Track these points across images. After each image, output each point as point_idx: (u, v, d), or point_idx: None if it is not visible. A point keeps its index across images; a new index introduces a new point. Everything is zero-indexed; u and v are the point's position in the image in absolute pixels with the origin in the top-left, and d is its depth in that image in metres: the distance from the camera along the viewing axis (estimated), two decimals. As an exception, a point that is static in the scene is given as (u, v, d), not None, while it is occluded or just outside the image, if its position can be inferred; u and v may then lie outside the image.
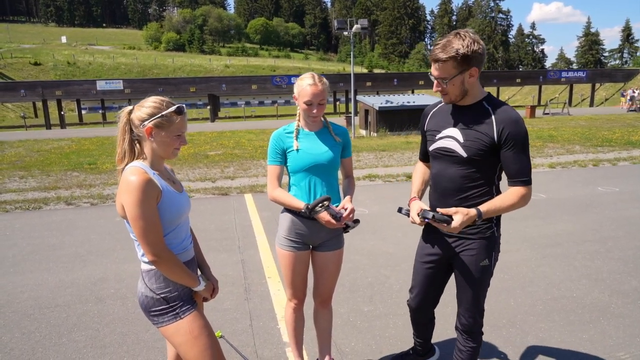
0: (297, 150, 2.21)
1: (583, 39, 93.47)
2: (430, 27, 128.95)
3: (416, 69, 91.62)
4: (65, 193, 8.32)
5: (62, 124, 32.89)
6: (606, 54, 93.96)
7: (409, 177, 8.68)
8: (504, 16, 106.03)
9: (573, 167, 9.55)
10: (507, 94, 58.56)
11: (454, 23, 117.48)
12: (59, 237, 5.54)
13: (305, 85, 2.16)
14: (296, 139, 2.23)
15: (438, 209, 1.92)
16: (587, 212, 5.99)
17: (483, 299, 2.16)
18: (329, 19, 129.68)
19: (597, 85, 44.47)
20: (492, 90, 53.94)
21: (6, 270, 4.49)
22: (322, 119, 2.32)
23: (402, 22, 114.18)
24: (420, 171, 2.32)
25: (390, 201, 6.64)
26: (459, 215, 1.84)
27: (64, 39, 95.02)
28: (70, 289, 3.96)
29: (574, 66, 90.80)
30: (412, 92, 34.86)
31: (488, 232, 2.04)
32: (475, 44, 1.83)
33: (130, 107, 1.77)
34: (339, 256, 2.42)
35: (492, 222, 2.04)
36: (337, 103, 41.03)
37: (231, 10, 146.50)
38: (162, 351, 2.92)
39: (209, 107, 35.58)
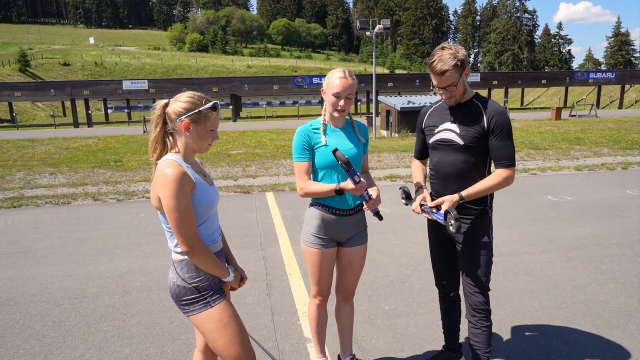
0: (326, 145, 2.23)
1: (612, 39, 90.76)
2: (453, 28, 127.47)
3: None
4: (93, 189, 8.55)
5: (89, 123, 33.76)
6: (637, 55, 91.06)
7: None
8: (529, 16, 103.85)
9: (600, 169, 9.31)
10: (532, 95, 57.38)
11: (478, 23, 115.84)
12: (87, 232, 5.71)
13: (334, 78, 2.19)
14: (324, 134, 2.25)
15: (429, 204, 2.28)
16: (615, 215, 5.84)
17: (488, 277, 2.31)
18: (350, 20, 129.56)
19: (627, 86, 43.19)
20: (517, 91, 53.03)
21: (38, 262, 4.65)
22: (347, 116, 2.34)
23: (424, 23, 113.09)
24: (418, 166, 2.55)
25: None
26: (446, 202, 2.17)
27: (91, 40, 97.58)
28: (98, 281, 4.08)
29: (603, 67, 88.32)
30: (435, 93, 34.51)
31: (483, 213, 2.31)
32: (462, 49, 2.15)
33: (165, 101, 1.82)
34: (364, 251, 2.44)
35: (487, 206, 2.32)
36: (358, 104, 40.96)
37: (254, 11, 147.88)
38: (186, 342, 2.99)
39: (231, 107, 35.98)
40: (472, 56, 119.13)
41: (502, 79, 41.46)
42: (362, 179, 2.12)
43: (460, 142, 2.23)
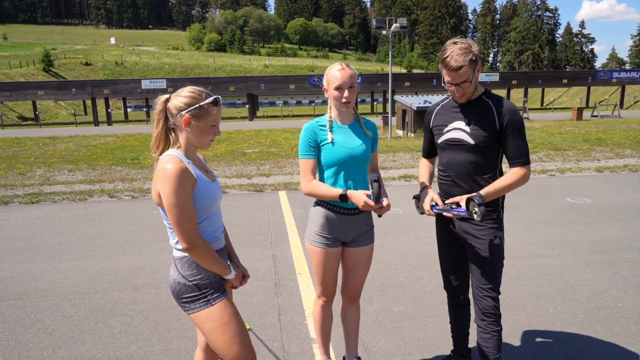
0: (332, 143, 2.19)
1: (638, 37, 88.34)
2: (472, 27, 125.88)
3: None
4: (109, 186, 8.66)
5: (109, 121, 34.35)
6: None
7: (446, 178, 8.47)
8: (550, 14, 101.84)
9: (623, 171, 9.04)
10: (552, 95, 56.25)
11: (498, 22, 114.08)
12: (101, 228, 5.77)
13: (334, 72, 2.15)
14: (330, 132, 2.21)
15: (446, 201, 2.21)
16: (637, 218, 5.64)
17: (499, 281, 2.23)
18: (368, 19, 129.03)
19: (653, 86, 41.94)
20: (537, 91, 52.02)
21: (52, 257, 4.72)
22: (353, 112, 2.29)
23: (443, 22, 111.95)
24: (425, 165, 2.50)
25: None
26: (464, 200, 2.05)
27: (112, 40, 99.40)
28: (108, 277, 4.11)
29: (627, 66, 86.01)
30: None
31: (494, 214, 2.21)
32: (474, 44, 2.08)
33: (166, 96, 1.80)
34: (370, 251, 2.38)
35: (498, 206, 2.24)
36: (375, 103, 40.72)
37: (271, 11, 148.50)
38: (192, 340, 2.98)
39: (247, 106, 36.18)
40: (491, 55, 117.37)
41: (521, 78, 40.71)
42: (385, 201, 2.11)
43: (471, 141, 2.15)
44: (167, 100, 1.79)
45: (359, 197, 2.06)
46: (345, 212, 2.23)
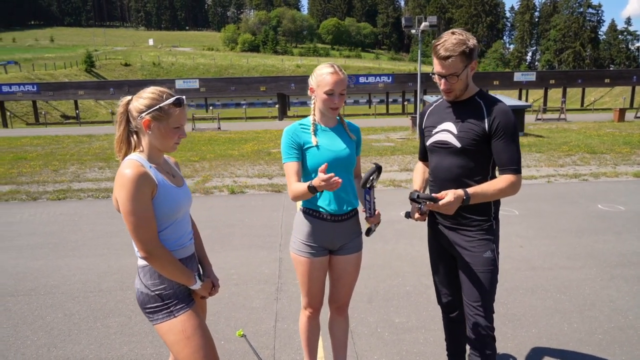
0: (317, 146, 2.08)
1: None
2: (509, 25, 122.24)
3: (492, 69, 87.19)
4: (133, 184, 8.84)
5: (144, 120, 35.36)
6: None
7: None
8: (593, 11, 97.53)
9: (664, 177, 8.46)
10: (593, 95, 53.79)
11: (537, 19, 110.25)
12: (118, 225, 5.87)
13: (325, 74, 2.03)
14: (314, 135, 2.10)
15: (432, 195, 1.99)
16: (675, 229, 5.23)
17: (492, 297, 2.08)
18: (401, 18, 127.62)
19: None
20: (577, 91, 49.86)
21: (66, 253, 4.82)
22: (337, 115, 2.18)
23: (479, 20, 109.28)
24: (420, 170, 2.32)
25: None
26: (450, 193, 1.87)
27: (151, 42, 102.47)
28: (115, 275, 4.15)
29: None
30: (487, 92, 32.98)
31: (486, 224, 2.05)
32: (473, 38, 1.94)
33: (128, 98, 1.73)
34: (359, 259, 2.26)
35: (491, 216, 2.07)
36: (406, 103, 40.14)
37: (305, 11, 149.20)
38: (184, 345, 2.93)
39: (277, 106, 36.40)
40: (529, 54, 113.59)
41: (560, 77, 39.06)
42: (376, 210, 2.01)
43: (458, 144, 2.00)
44: (129, 102, 1.72)
45: (319, 181, 1.82)
46: (330, 218, 2.12)
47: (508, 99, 18.63)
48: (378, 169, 1.95)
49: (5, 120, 34.57)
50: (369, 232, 2.12)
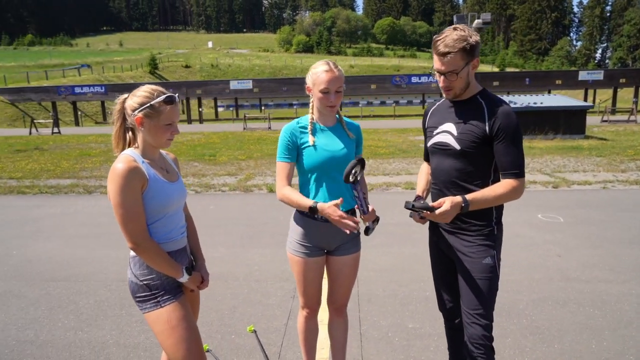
0: (314, 146, 2.08)
1: None
2: (577, 20, 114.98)
3: (557, 67, 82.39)
4: (180, 181, 9.23)
5: (201, 120, 36.82)
6: None
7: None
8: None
9: None
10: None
11: (608, 14, 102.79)
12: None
13: (320, 73, 2.02)
14: (312, 134, 2.10)
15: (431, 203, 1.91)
16: None
17: (490, 306, 1.98)
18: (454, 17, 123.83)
19: None
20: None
21: (107, 244, 5.13)
22: (336, 113, 2.16)
23: (543, 16, 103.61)
24: (424, 172, 2.25)
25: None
26: (447, 201, 1.80)
27: (210, 44, 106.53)
28: (147, 267, 4.36)
29: None
30: (549, 93, 31.26)
31: (486, 229, 1.97)
32: (475, 34, 1.86)
33: (125, 96, 1.81)
34: (356, 260, 2.24)
35: (492, 221, 1.98)
36: (460, 104, 38.87)
37: (360, 11, 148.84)
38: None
39: (327, 106, 36.63)
40: (599, 52, 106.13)
41: (631, 76, 36.10)
42: (369, 207, 1.96)
43: (457, 146, 1.93)
44: (125, 100, 1.80)
45: (332, 212, 1.87)
46: (327, 219, 2.11)
47: (568, 99, 17.53)
48: (360, 162, 1.89)
49: (77, 118, 37.31)
50: (367, 231, 2.06)
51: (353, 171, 1.87)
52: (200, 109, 37.44)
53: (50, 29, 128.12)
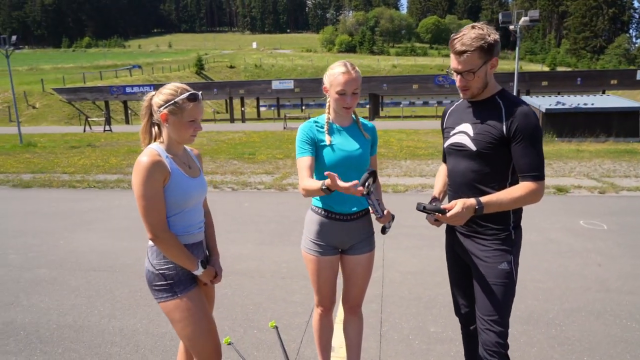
0: (330, 145, 2.09)
1: None
2: (637, 16, 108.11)
3: (614, 66, 77.81)
4: (219, 178, 9.50)
5: (243, 119, 37.64)
6: None
7: (560, 189, 7.47)
8: None
9: None
10: None
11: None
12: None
13: (337, 74, 2.02)
14: (328, 134, 2.12)
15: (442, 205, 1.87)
16: None
17: (506, 313, 1.92)
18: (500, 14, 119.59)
19: None
20: None
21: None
22: (352, 113, 2.16)
23: (599, 12, 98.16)
24: (442, 173, 2.20)
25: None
26: (459, 203, 1.76)
27: (254, 45, 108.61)
28: (180, 261, 4.53)
29: None
30: (603, 93, 29.54)
31: (503, 234, 1.91)
32: (495, 33, 1.81)
33: (152, 93, 1.89)
34: (370, 259, 2.24)
35: (509, 225, 1.92)
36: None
37: (404, 10, 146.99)
38: (222, 331, 3.12)
39: (368, 106, 36.40)
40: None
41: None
42: (384, 210, 1.95)
43: (473, 147, 1.88)
44: (153, 97, 1.88)
45: (341, 183, 1.79)
46: (340, 218, 2.13)
47: (624, 99, 16.55)
48: (372, 174, 1.89)
49: (127, 117, 39.09)
50: (384, 230, 2.07)
51: (366, 184, 1.86)
52: (242, 109, 38.26)
53: (106, 31, 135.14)
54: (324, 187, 1.85)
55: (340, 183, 1.77)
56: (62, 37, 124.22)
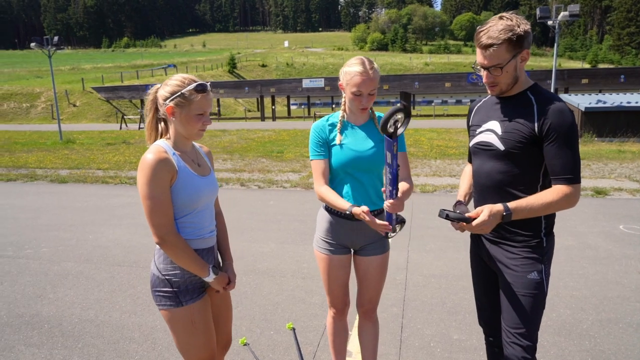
0: (340, 145, 2.01)
1: None
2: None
3: (662, 63, 73.76)
4: (246, 176, 9.56)
5: (274, 117, 37.92)
6: None
7: (598, 192, 7.09)
8: None
9: None
10: None
11: None
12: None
13: (353, 74, 1.93)
14: (340, 133, 2.03)
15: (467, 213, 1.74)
16: None
17: (534, 326, 1.76)
18: (538, 9, 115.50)
19: None
20: None
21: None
22: (369, 109, 2.06)
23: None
24: (467, 174, 2.07)
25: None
26: (485, 210, 1.64)
27: (286, 44, 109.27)
28: (202, 258, 4.55)
29: None
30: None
31: (533, 241, 1.77)
32: (525, 23, 1.67)
33: (157, 86, 1.76)
34: (384, 261, 2.15)
35: (541, 232, 1.77)
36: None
37: (438, 7, 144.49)
38: (239, 331, 3.09)
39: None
40: None
41: None
42: (398, 190, 1.83)
43: (501, 146, 1.75)
44: (158, 90, 1.75)
45: (363, 217, 1.85)
46: (351, 217, 2.04)
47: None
48: (404, 110, 1.61)
49: (162, 115, 40.12)
50: (387, 233, 1.89)
51: (392, 119, 1.63)
52: (273, 107, 38.55)
53: (144, 32, 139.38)
54: (349, 212, 1.89)
55: (370, 219, 1.84)
56: (103, 38, 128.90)
